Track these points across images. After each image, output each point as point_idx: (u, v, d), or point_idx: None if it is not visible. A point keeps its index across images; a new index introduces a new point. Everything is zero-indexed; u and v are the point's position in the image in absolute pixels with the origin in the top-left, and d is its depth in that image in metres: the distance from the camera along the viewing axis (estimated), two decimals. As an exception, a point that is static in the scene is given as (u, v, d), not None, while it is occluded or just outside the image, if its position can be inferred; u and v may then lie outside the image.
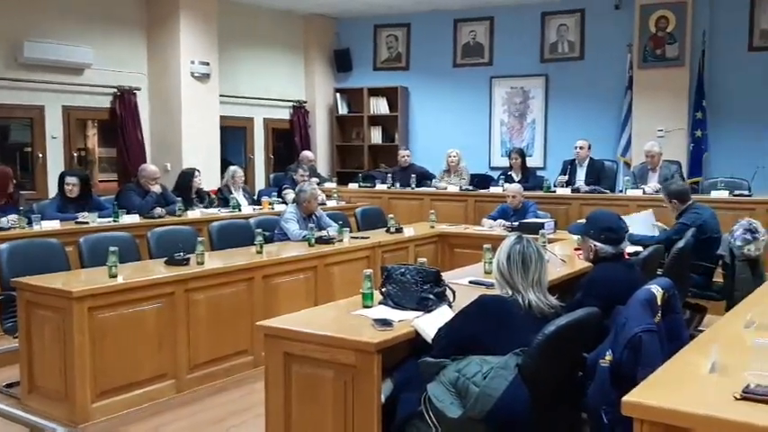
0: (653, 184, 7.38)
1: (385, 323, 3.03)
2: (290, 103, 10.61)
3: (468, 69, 10.35)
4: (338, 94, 11.05)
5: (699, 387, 1.91)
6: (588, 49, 9.58)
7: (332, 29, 11.10)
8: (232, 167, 8.04)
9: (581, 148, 8.04)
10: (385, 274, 3.42)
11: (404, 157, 9.18)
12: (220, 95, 9.18)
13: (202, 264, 4.64)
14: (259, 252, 5.12)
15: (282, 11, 10.31)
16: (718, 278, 5.40)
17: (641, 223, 5.78)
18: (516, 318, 2.81)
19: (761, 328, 2.43)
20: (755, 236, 5.02)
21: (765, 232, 5.11)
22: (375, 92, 10.82)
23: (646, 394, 1.87)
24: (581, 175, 8.03)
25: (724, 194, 7.03)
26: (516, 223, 6.32)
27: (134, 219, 6.37)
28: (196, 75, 8.77)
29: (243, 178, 7.98)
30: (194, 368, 4.47)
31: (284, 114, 10.61)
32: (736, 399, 1.78)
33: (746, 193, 7.08)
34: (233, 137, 9.95)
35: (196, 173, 7.44)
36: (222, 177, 8.19)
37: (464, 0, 9.81)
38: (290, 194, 7.68)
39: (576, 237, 4.54)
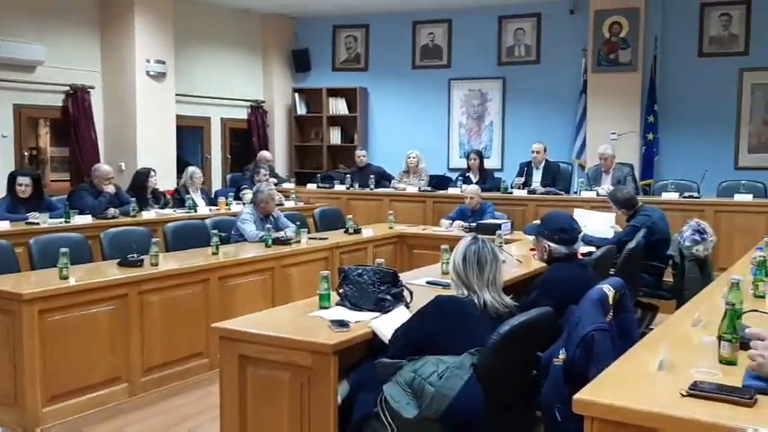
0: (606, 186, 7.53)
1: (342, 324, 3.02)
2: (248, 103, 10.53)
3: (427, 71, 10.41)
4: (297, 94, 11.00)
5: (647, 384, 1.95)
6: (544, 52, 9.72)
7: (290, 28, 11.05)
8: (191, 168, 7.94)
9: (537, 151, 8.16)
10: (342, 275, 3.42)
11: (360, 157, 9.19)
12: (177, 95, 9.05)
13: (156, 265, 4.57)
14: (215, 253, 5.07)
15: (240, 10, 10.22)
16: (668, 278, 5.54)
17: (600, 222, 5.89)
18: (472, 318, 2.83)
19: (707, 326, 2.50)
20: (704, 236, 5.16)
21: (713, 233, 5.26)
22: (334, 92, 10.80)
23: (595, 392, 1.90)
24: (537, 176, 8.15)
25: (674, 196, 7.22)
26: (474, 224, 6.38)
27: (86, 219, 6.24)
28: (151, 73, 8.64)
29: (201, 179, 7.89)
30: (148, 371, 4.41)
31: (242, 114, 10.52)
32: (683, 395, 1.82)
33: (695, 194, 7.28)
34: (189, 136, 9.83)
35: (152, 173, 7.32)
36: (178, 177, 8.07)
37: (422, 2, 9.86)
38: (248, 195, 7.62)
39: (531, 237, 4.61)
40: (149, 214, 6.77)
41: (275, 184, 7.89)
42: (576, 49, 9.32)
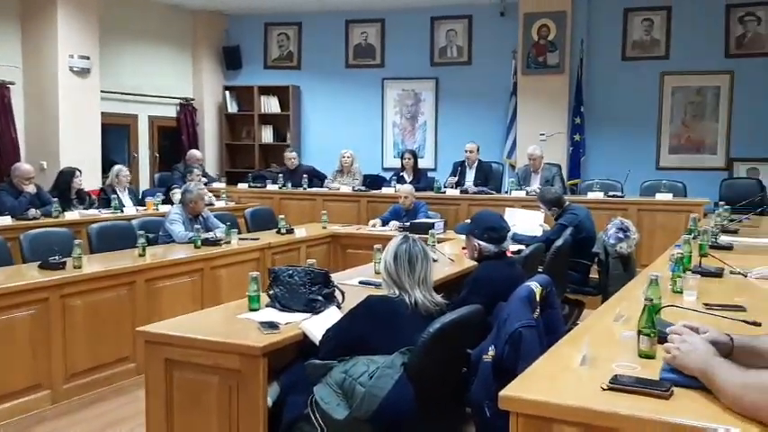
0: (535, 185, 7.70)
1: (271, 326, 2.99)
2: (177, 101, 10.30)
3: (361, 70, 10.42)
4: (228, 92, 10.83)
5: (570, 379, 1.99)
6: (476, 54, 9.87)
7: (221, 25, 10.87)
8: (117, 166, 7.70)
9: (470, 151, 8.27)
10: (272, 276, 3.38)
11: (291, 159, 9.09)
12: (102, 91, 8.77)
13: (80, 267, 4.42)
14: (142, 255, 4.94)
15: (169, 5, 9.99)
16: (594, 275, 5.70)
17: (530, 220, 6.01)
18: (403, 317, 2.84)
19: (628, 321, 2.58)
20: (627, 234, 5.34)
21: (636, 231, 5.45)
22: (266, 90, 10.68)
23: (520, 388, 1.93)
24: (470, 176, 8.26)
25: (599, 195, 7.43)
26: (408, 223, 6.41)
27: (6, 220, 5.98)
28: (75, 69, 8.34)
29: (128, 178, 7.67)
30: (72, 377, 4.25)
31: (171, 112, 10.28)
32: (604, 389, 1.87)
33: (619, 194, 7.52)
34: (116, 135, 9.54)
35: (77, 173, 7.08)
36: (104, 177, 7.83)
37: (355, 1, 9.85)
38: (177, 195, 7.46)
39: (462, 236, 4.66)
40: (73, 215, 6.54)
41: (205, 184, 7.74)
42: (506, 51, 9.50)
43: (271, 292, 3.35)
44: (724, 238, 4.91)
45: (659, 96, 9.15)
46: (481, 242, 3.57)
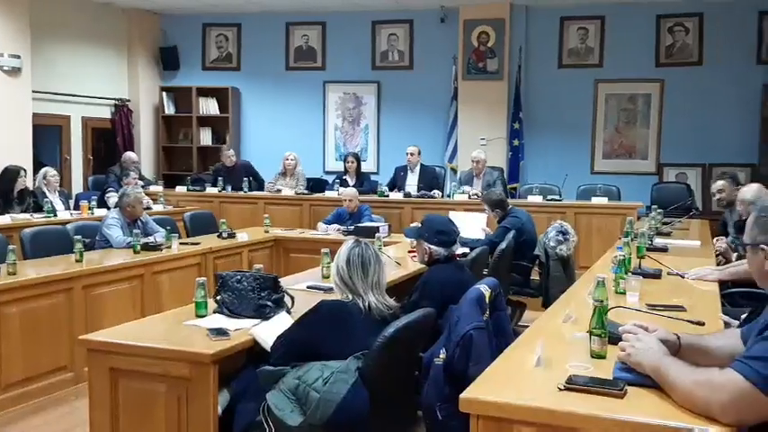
0: (477, 188, 7.82)
1: (220, 332, 2.93)
2: (112, 102, 10.01)
3: (302, 73, 10.36)
4: (165, 93, 10.58)
5: (527, 381, 2.03)
6: (417, 59, 9.94)
7: (157, 25, 10.62)
8: (44, 168, 7.44)
9: (411, 153, 8.33)
10: (220, 282, 3.31)
11: (229, 157, 8.94)
12: (33, 91, 8.43)
13: (14, 274, 4.23)
14: (79, 260, 4.77)
15: (101, 3, 9.69)
16: (535, 276, 5.82)
17: (472, 224, 6.09)
18: (356, 321, 2.83)
19: (577, 322, 2.64)
20: (566, 237, 5.48)
21: (574, 234, 5.60)
22: (204, 92, 10.49)
23: (480, 390, 1.95)
24: (412, 179, 8.31)
25: (538, 199, 7.61)
26: (351, 227, 6.40)
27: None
28: (5, 68, 7.99)
29: (57, 179, 7.40)
30: (6, 388, 4.07)
31: (105, 113, 9.98)
32: (561, 389, 1.91)
33: (558, 197, 7.71)
34: (47, 136, 9.18)
35: (22, 172, 6.84)
36: (35, 180, 7.54)
37: (295, 3, 9.79)
38: (113, 198, 7.26)
39: (409, 239, 4.69)
40: (4, 219, 6.27)
41: (142, 187, 7.54)
42: (447, 57, 9.60)
43: (218, 297, 3.29)
44: (659, 241, 5.10)
45: (594, 103, 9.42)
46: (432, 246, 3.60)
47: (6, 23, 8.02)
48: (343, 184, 8.22)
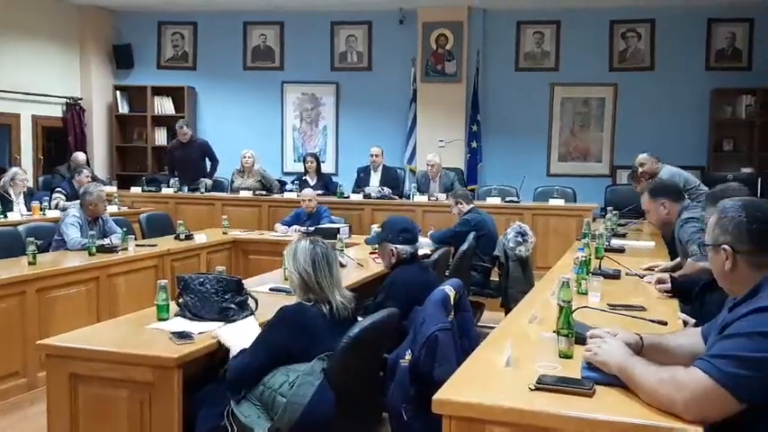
0: (434, 191, 7.87)
1: (184, 336, 2.87)
2: (64, 100, 9.76)
3: (259, 73, 10.27)
4: (118, 92, 10.38)
5: (498, 381, 2.04)
6: (376, 60, 9.95)
7: (110, 22, 10.39)
8: (14, 169, 7.25)
9: (375, 155, 8.33)
10: (182, 285, 3.25)
11: (184, 134, 8.82)
12: (-21, 88, 8.19)
13: (-37, 278, 4.10)
14: (32, 263, 4.63)
15: (52, -1, 9.45)
16: (494, 277, 5.88)
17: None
18: (320, 323, 2.80)
19: (542, 322, 2.68)
20: (525, 238, 5.55)
21: (533, 235, 5.68)
22: (159, 91, 10.32)
23: (451, 391, 1.96)
24: (375, 180, 8.32)
25: (497, 201, 7.69)
26: (311, 228, 6.36)
27: None
28: (-51, 63, 7.75)
29: (26, 182, 7.20)
30: (-46, 396, 3.93)
31: (56, 111, 9.73)
32: (532, 389, 1.93)
33: (515, 199, 7.81)
34: (-5, 135, 8.92)
35: None
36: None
37: (253, 3, 9.70)
38: (60, 199, 7.14)
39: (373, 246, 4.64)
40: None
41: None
42: (405, 59, 9.63)
43: (180, 300, 3.22)
44: (615, 242, 5.20)
45: (549, 106, 9.57)
46: (397, 245, 3.60)
47: (-48, 18, 7.76)
48: (304, 184, 8.18)
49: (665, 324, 2.56)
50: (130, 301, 4.92)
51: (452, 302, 3.32)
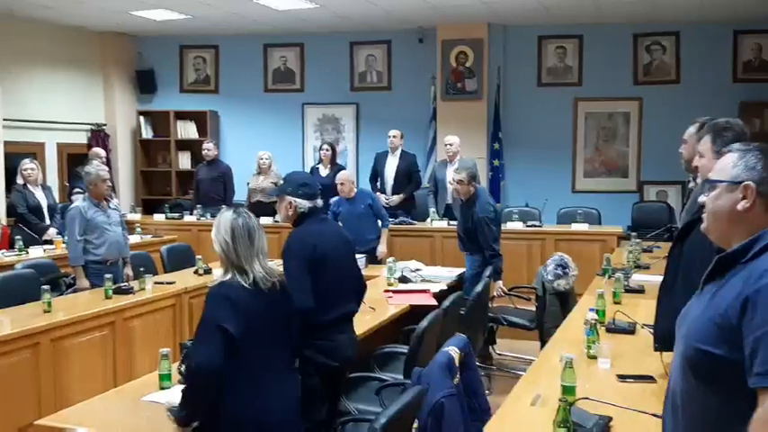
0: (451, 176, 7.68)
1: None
2: (88, 127, 9.89)
3: (280, 95, 10.28)
4: (142, 117, 10.47)
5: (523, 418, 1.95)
6: (395, 79, 9.88)
7: (133, 48, 10.50)
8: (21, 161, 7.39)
9: (394, 136, 8.10)
10: (184, 353, 3.22)
11: (207, 150, 8.72)
12: (4, 119, 8.32)
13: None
14: (47, 311, 4.63)
15: (72, 27, 9.55)
16: (531, 306, 5.70)
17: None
18: (242, 294, 2.77)
19: (545, 403, 2.57)
20: (566, 271, 5.35)
21: (575, 267, 5.43)
22: (182, 115, 10.39)
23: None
24: (392, 165, 8.12)
25: (518, 226, 7.52)
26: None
27: None
28: (-27, 99, 7.89)
29: (34, 173, 7.40)
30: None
31: (81, 138, 9.86)
32: None
33: (538, 223, 7.65)
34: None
35: None
36: (8, 215, 7.42)
37: (273, 25, 9.70)
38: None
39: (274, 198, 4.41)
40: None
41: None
42: (425, 77, 9.55)
43: (181, 369, 3.19)
44: (636, 278, 5.02)
45: (573, 121, 9.40)
46: (296, 199, 3.52)
47: (-25, 53, 7.90)
48: (314, 172, 7.94)
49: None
50: (147, 343, 4.94)
51: (457, 363, 3.25)
